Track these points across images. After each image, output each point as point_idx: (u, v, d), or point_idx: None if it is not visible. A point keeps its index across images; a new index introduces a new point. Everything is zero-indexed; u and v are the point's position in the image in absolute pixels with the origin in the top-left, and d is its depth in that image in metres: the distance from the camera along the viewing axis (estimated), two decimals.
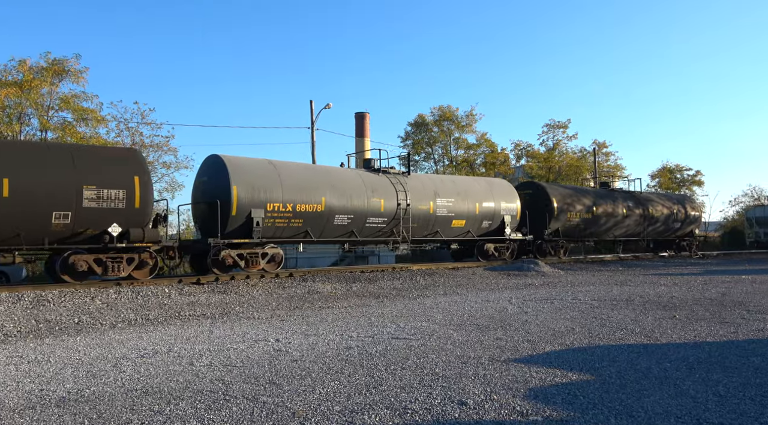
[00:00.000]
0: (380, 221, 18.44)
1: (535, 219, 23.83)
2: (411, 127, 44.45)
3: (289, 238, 16.91)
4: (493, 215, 21.81)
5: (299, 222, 16.60)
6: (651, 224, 30.23)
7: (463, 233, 21.20)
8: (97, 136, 25.95)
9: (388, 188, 18.76)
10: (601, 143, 46.98)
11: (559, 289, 13.56)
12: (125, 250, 13.67)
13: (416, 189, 19.51)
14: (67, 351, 6.74)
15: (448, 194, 20.53)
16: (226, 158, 15.95)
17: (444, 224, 20.32)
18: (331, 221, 17.26)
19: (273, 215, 15.98)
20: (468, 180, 23.29)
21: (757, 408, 4.15)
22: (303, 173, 17.38)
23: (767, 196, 62.28)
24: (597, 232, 27.56)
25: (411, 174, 20.54)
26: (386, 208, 18.48)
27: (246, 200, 15.47)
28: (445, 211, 20.20)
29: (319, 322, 8.67)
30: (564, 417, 3.99)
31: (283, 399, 4.51)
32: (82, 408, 4.39)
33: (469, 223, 21.10)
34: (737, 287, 13.53)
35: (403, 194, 18.87)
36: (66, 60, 24.93)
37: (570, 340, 6.88)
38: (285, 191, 16.25)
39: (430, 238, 20.62)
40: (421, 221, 19.51)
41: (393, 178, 19.26)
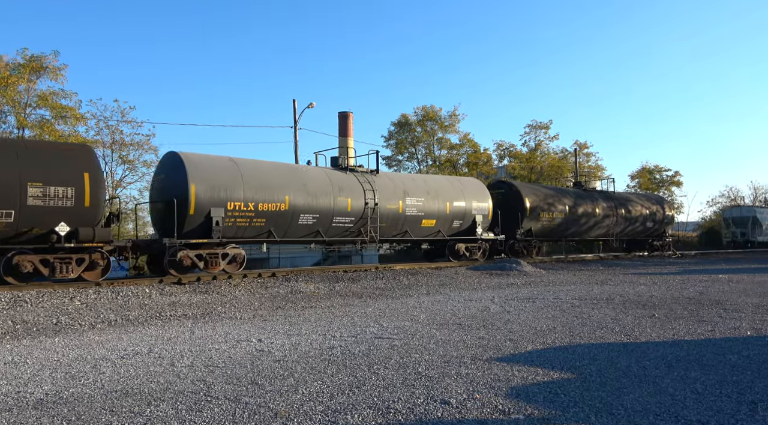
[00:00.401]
0: (347, 220, 18.09)
1: (508, 219, 23.68)
2: (394, 127, 44.50)
3: (251, 238, 16.48)
4: (464, 215, 21.53)
5: (262, 222, 16.18)
6: (624, 224, 30.23)
7: (434, 233, 20.93)
8: (76, 134, 25.61)
9: (355, 187, 18.41)
10: (582, 144, 47.51)
11: (541, 288, 13.67)
12: (74, 250, 13.14)
13: (385, 188, 19.21)
14: (45, 353, 6.64)
15: (417, 193, 20.23)
16: (184, 156, 15.49)
17: (414, 224, 20.04)
18: (296, 220, 16.89)
19: (234, 214, 15.53)
20: (438, 179, 22.88)
21: (733, 404, 4.23)
22: (266, 172, 16.85)
23: (743, 197, 63.49)
24: (570, 232, 27.46)
25: (380, 173, 20.16)
26: (354, 207, 18.13)
27: (205, 199, 15.00)
28: (415, 210, 19.91)
29: (302, 322, 8.64)
30: (545, 416, 4.02)
31: (266, 399, 4.49)
32: (60, 410, 4.33)
33: (440, 223, 20.82)
34: (714, 286, 13.76)
35: (371, 193, 18.54)
36: (44, 57, 24.57)
37: (551, 339, 6.95)
38: (247, 189, 15.81)
39: (400, 238, 20.33)
40: (390, 221, 19.21)
41: (361, 177, 18.91)
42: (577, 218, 27.24)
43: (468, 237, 21.79)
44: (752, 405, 4.22)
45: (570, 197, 27.24)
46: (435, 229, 20.78)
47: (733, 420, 3.90)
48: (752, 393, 4.53)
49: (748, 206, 50.39)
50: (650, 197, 35.56)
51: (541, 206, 25.17)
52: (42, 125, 24.33)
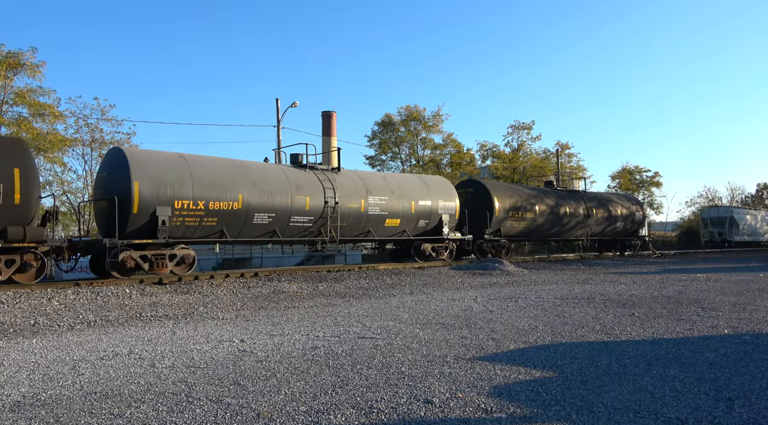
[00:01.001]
0: (306, 220, 17.50)
1: (477, 219, 23.22)
2: (378, 126, 44.54)
3: (202, 238, 15.83)
4: (430, 214, 21.02)
5: (213, 221, 15.51)
6: (596, 223, 29.93)
7: (398, 233, 20.40)
8: (55, 132, 25.21)
9: (314, 185, 17.80)
10: (564, 145, 47.99)
11: (523, 288, 13.77)
12: (3, 251, 12.43)
13: (346, 186, 18.65)
14: (22, 354, 6.52)
15: (380, 191, 19.63)
16: (127, 151, 14.89)
17: (377, 224, 19.47)
18: (250, 220, 16.25)
19: (182, 213, 14.83)
20: (403, 177, 22.22)
21: (711, 402, 4.30)
22: (218, 168, 16.14)
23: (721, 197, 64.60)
24: (541, 232, 27.05)
25: (342, 171, 19.54)
26: (312, 206, 17.53)
27: (150, 197, 14.26)
28: (378, 209, 19.33)
29: (284, 322, 8.61)
30: (527, 414, 4.05)
31: (248, 400, 4.46)
32: (38, 412, 4.26)
33: (404, 222, 20.29)
34: (693, 285, 13.98)
35: (332, 192, 17.95)
36: (21, 53, 24.14)
37: (533, 338, 7.00)
38: (196, 187, 15.11)
39: (362, 238, 19.79)
40: (351, 220, 18.65)
41: (321, 174, 18.30)
42: (547, 218, 26.82)
43: (434, 237, 21.32)
44: (729, 402, 4.29)
45: (541, 197, 26.87)
46: (399, 229, 20.27)
47: (711, 416, 3.96)
48: (729, 390, 4.61)
49: (725, 207, 51.31)
50: (623, 196, 35.18)
51: (510, 205, 24.74)
52: (19, 123, 23.93)
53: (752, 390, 4.58)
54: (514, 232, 25.46)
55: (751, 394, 4.48)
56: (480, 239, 23.53)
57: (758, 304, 10.03)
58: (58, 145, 24.62)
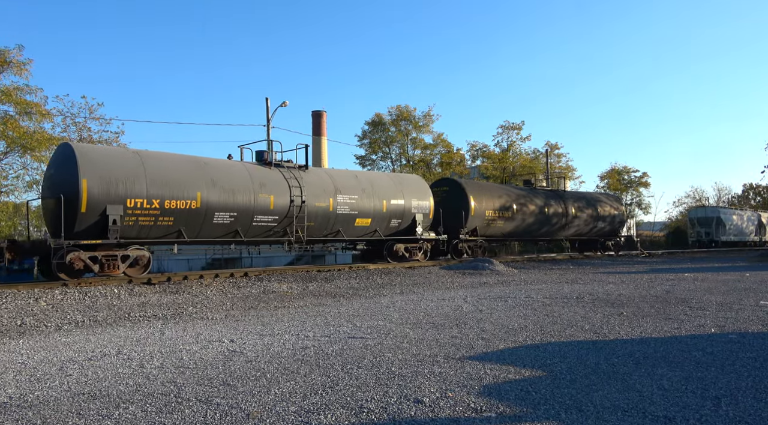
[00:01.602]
0: (270, 219, 16.83)
1: (452, 218, 22.80)
2: (368, 126, 44.55)
3: (158, 238, 15.13)
4: (403, 214, 20.46)
5: (169, 221, 14.83)
6: (575, 223, 29.46)
7: (369, 233, 19.80)
8: (42, 131, 25.00)
9: (280, 184, 17.14)
10: (554, 145, 48.24)
11: (513, 287, 13.82)
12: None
13: (314, 185, 18.03)
14: (8, 355, 6.46)
15: (350, 190, 18.99)
16: (76, 147, 14.12)
17: (346, 223, 18.86)
18: (210, 219, 15.57)
19: (135, 212, 14.15)
20: (375, 176, 21.44)
21: (698, 400, 4.34)
22: (176, 165, 15.39)
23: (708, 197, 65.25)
24: (518, 232, 26.47)
25: (310, 168, 18.82)
26: (277, 205, 16.88)
27: (99, 195, 13.57)
28: (347, 208, 18.72)
29: (274, 322, 8.58)
30: (517, 413, 4.07)
31: (238, 400, 4.45)
32: (25, 413, 4.22)
33: (376, 222, 19.68)
34: (680, 284, 14.10)
35: (298, 190, 17.34)
36: (7, 51, 23.93)
37: (523, 337, 7.03)
38: (151, 185, 14.42)
39: (332, 238, 19.17)
40: (319, 220, 18.05)
41: (287, 172, 17.61)
42: (526, 218, 26.33)
43: (407, 237, 20.81)
44: (716, 400, 4.34)
45: (519, 197, 26.39)
46: (370, 228, 19.70)
47: (698, 415, 4.00)
48: (716, 388, 4.66)
49: (712, 207, 51.85)
50: (606, 196, 34.68)
51: (487, 204, 24.25)
52: (5, 121, 23.70)
53: (738, 389, 4.63)
54: (491, 232, 24.95)
55: (737, 392, 4.53)
56: (456, 240, 23.03)
57: (744, 303, 10.13)
58: (45, 144, 24.37)
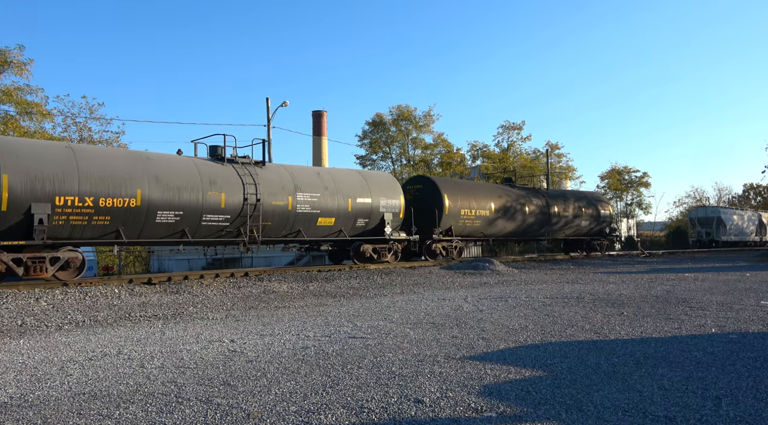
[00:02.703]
0: (221, 219, 15.84)
1: (426, 217, 21.78)
2: (369, 126, 44.55)
3: (93, 239, 14.11)
4: (370, 213, 19.34)
5: (105, 220, 13.77)
6: (558, 223, 28.39)
7: (334, 233, 18.79)
8: (42, 131, 25.02)
9: (232, 180, 16.13)
10: (554, 145, 48.25)
11: (513, 287, 13.82)
12: None
13: (271, 182, 17.03)
14: (9, 355, 6.46)
15: (312, 188, 17.95)
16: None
17: (307, 223, 17.82)
18: (152, 218, 14.56)
19: (65, 211, 13.08)
20: (340, 173, 20.11)
21: (699, 400, 4.34)
22: (113, 161, 14.25)
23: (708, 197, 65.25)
24: (496, 231, 25.30)
25: (267, 165, 17.72)
26: (229, 203, 15.86)
27: (23, 193, 12.52)
28: (309, 207, 17.69)
29: (275, 322, 8.58)
30: (517, 413, 4.07)
31: (238, 400, 4.45)
32: (25, 413, 4.22)
33: (340, 221, 18.64)
34: (681, 284, 14.10)
35: (253, 188, 16.32)
36: (8, 51, 23.99)
37: (523, 337, 7.03)
38: (83, 181, 13.34)
39: (291, 238, 18.13)
40: (277, 219, 17.06)
41: (242, 169, 16.58)
42: (504, 217, 25.20)
43: (375, 237, 19.70)
44: (717, 400, 4.34)
45: (497, 195, 25.27)
46: (335, 228, 18.68)
47: (699, 415, 3.99)
48: (717, 388, 4.65)
49: (713, 207, 51.85)
50: (590, 195, 33.65)
51: (463, 203, 23.11)
52: (6, 121, 23.73)
53: (739, 389, 4.63)
54: (468, 232, 23.82)
55: (738, 392, 4.53)
56: (429, 240, 22.01)
57: (745, 303, 10.13)
58: None
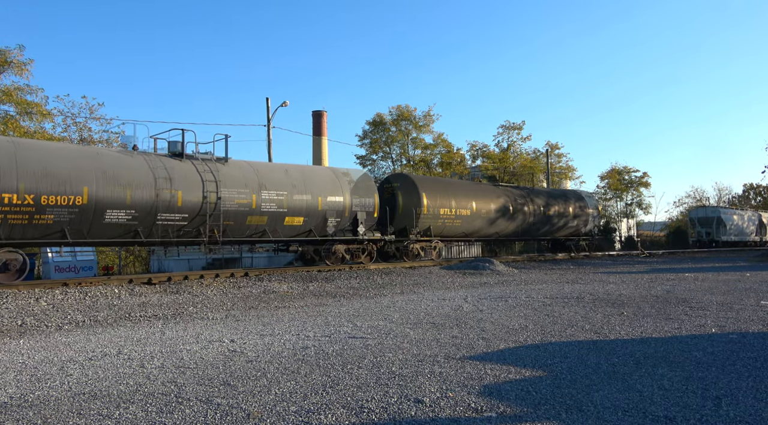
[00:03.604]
0: (178, 218, 15.11)
1: (404, 217, 21.38)
2: (369, 126, 44.54)
3: (35, 239, 13.40)
4: (343, 212, 18.72)
5: (49, 219, 13.11)
6: (541, 222, 27.84)
7: (303, 233, 18.07)
8: (42, 131, 25.03)
9: (191, 178, 15.41)
10: (554, 145, 48.24)
11: (513, 287, 13.82)
12: None
13: (234, 179, 16.38)
14: (9, 355, 6.46)
15: (278, 185, 17.27)
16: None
17: (273, 222, 17.11)
18: (100, 217, 13.85)
19: (3, 209, 12.51)
20: (310, 170, 19.25)
21: (699, 400, 4.34)
22: (57, 156, 13.55)
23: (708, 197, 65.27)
24: (476, 231, 24.59)
25: (230, 161, 16.99)
26: (187, 202, 15.16)
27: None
28: (275, 206, 17.00)
29: (275, 322, 8.58)
30: (517, 413, 4.07)
31: (238, 400, 4.45)
32: (25, 413, 4.22)
33: (310, 220, 17.97)
34: (681, 284, 14.10)
35: (213, 185, 15.65)
36: (8, 51, 23.99)
37: (523, 337, 7.03)
38: (23, 178, 12.68)
39: (257, 238, 17.36)
40: (239, 218, 16.40)
41: (202, 165, 15.88)
42: (484, 216, 24.54)
43: (349, 238, 19.11)
44: (717, 400, 4.33)
45: (477, 194, 24.67)
46: (304, 228, 17.97)
47: (699, 415, 3.99)
48: (717, 388, 4.65)
49: (713, 207, 51.84)
50: (576, 194, 32.95)
51: (442, 202, 22.46)
52: (6, 121, 23.74)
53: (739, 389, 4.63)
54: (448, 232, 23.13)
55: (738, 392, 4.53)
56: (407, 240, 21.41)
57: (745, 303, 10.13)
58: None
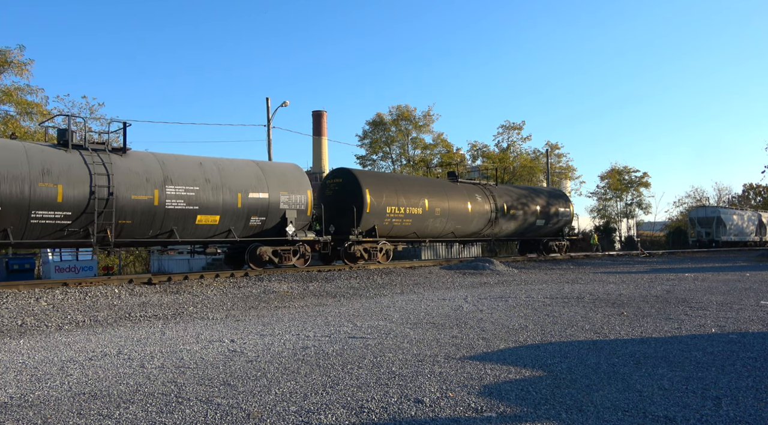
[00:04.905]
0: (60, 216, 13.37)
1: (346, 215, 19.67)
2: (369, 126, 44.57)
3: None
4: (268, 210, 16.96)
5: None
6: (507, 221, 25.93)
7: (221, 233, 16.30)
8: (42, 130, 25.00)
9: (76, 170, 13.66)
10: (554, 145, 48.27)
11: (513, 287, 13.82)
12: None
13: (132, 173, 14.50)
14: (9, 355, 6.46)
15: (187, 180, 15.44)
16: None
17: (183, 221, 15.31)
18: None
19: None
20: (227, 163, 17.07)
21: (699, 400, 4.34)
22: None
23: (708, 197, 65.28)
24: (430, 231, 22.66)
25: (131, 152, 15.20)
26: (69, 197, 13.40)
27: None
28: (183, 203, 15.20)
29: (275, 322, 8.59)
30: (517, 413, 4.07)
31: (238, 400, 4.45)
32: (25, 413, 4.22)
33: (228, 220, 16.17)
34: (681, 284, 14.10)
35: (104, 179, 13.88)
36: (9, 51, 24.03)
37: (523, 337, 7.03)
38: None
39: (163, 239, 15.43)
40: (139, 217, 14.54)
41: (92, 156, 14.06)
42: (441, 216, 22.62)
43: (277, 238, 17.38)
44: (717, 400, 4.33)
45: (431, 191, 22.67)
46: (221, 228, 16.19)
47: (699, 415, 3.99)
48: (717, 388, 4.65)
49: (713, 207, 51.85)
50: (547, 191, 30.88)
51: (389, 200, 20.59)
52: (6, 121, 23.75)
53: (739, 389, 4.63)
54: (397, 232, 21.30)
55: (737, 393, 4.53)
56: (348, 241, 19.65)
57: (745, 303, 10.13)
58: None
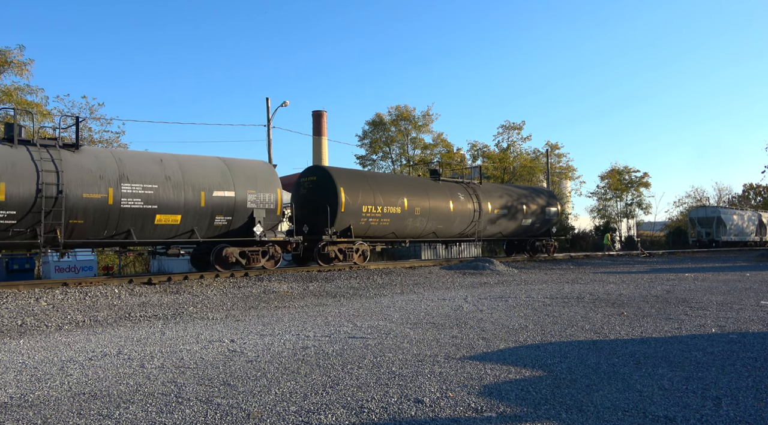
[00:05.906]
0: (2, 215, 12.73)
1: (320, 215, 19.02)
2: (369, 126, 44.58)
3: None
4: (234, 209, 16.31)
5: None
6: (491, 221, 25.31)
7: (183, 234, 15.58)
8: (43, 131, 25.01)
9: (22, 167, 13.02)
10: (554, 145, 48.29)
11: (513, 287, 13.82)
12: None
13: (84, 170, 13.85)
14: (9, 355, 6.46)
15: (145, 177, 14.72)
16: None
17: (141, 221, 14.64)
18: None
19: None
20: (189, 160, 16.29)
21: (699, 400, 4.34)
22: None
23: (708, 197, 65.31)
24: (410, 231, 22.00)
25: (84, 148, 14.67)
26: (13, 196, 12.78)
27: None
28: (141, 202, 14.50)
29: (275, 322, 8.59)
30: (517, 413, 4.07)
31: (238, 400, 4.45)
32: (25, 413, 4.22)
33: (190, 219, 15.45)
34: (681, 284, 14.10)
35: (53, 176, 13.20)
36: (8, 51, 24.03)
37: (523, 337, 7.03)
38: None
39: (120, 240, 14.79)
40: (91, 217, 13.88)
41: (39, 152, 13.38)
42: (420, 215, 21.93)
43: (245, 239, 16.73)
44: (717, 400, 4.33)
45: (411, 190, 21.95)
46: (183, 228, 15.47)
47: (699, 415, 3.99)
48: (717, 388, 4.65)
49: (713, 207, 51.87)
50: (533, 190, 30.32)
51: (365, 199, 19.87)
52: (6, 121, 23.74)
53: (739, 389, 4.63)
54: (374, 232, 20.62)
55: (738, 393, 4.53)
56: (320, 241, 18.96)
57: (745, 303, 10.13)
58: None
